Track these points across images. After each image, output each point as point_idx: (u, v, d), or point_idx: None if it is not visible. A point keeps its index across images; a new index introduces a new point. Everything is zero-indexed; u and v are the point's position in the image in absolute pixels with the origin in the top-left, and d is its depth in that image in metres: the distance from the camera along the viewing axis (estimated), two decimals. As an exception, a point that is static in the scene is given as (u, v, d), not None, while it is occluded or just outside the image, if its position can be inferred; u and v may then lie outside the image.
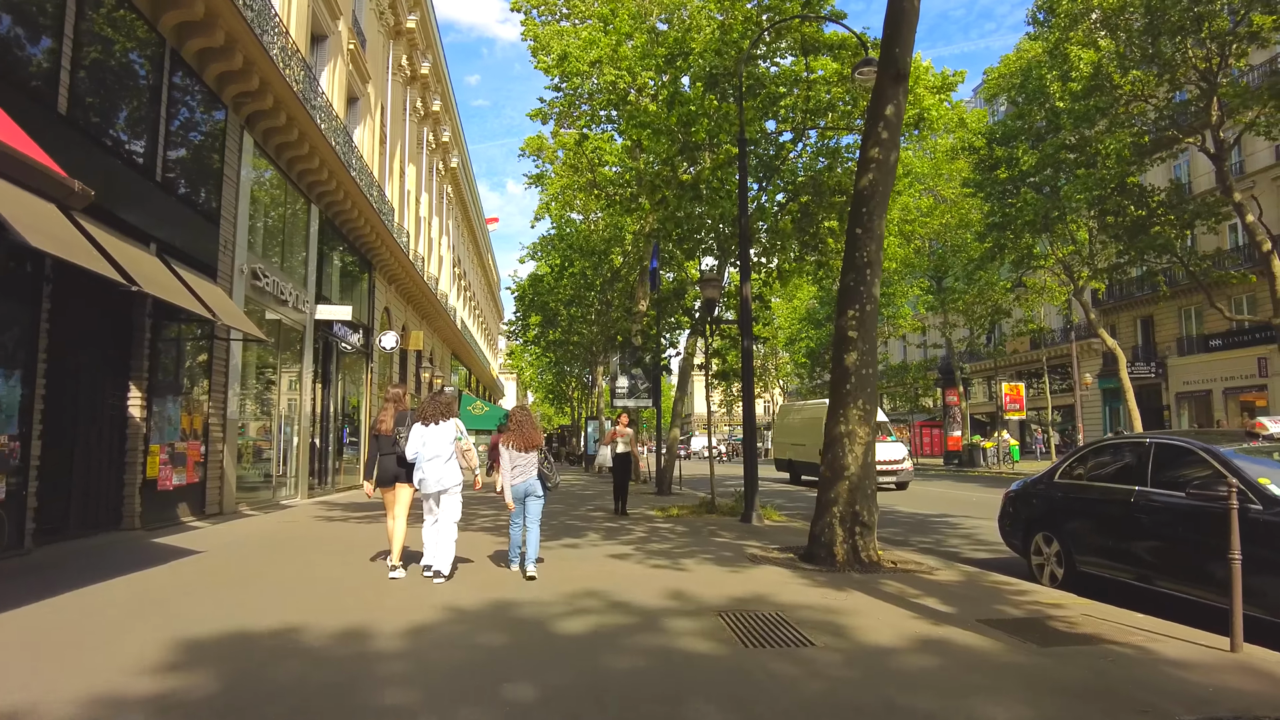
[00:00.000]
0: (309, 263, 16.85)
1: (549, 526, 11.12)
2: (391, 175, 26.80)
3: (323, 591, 6.43)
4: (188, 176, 11.71)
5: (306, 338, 16.54)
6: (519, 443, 7.29)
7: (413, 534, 7.67)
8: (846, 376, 8.29)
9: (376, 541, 9.75)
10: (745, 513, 11.91)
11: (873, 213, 8.58)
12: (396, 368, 26.63)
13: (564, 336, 36.78)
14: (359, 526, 11.50)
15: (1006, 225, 29.12)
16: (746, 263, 12.16)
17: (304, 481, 16.29)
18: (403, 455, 7.04)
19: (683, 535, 10.26)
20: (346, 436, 20.85)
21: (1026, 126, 28.56)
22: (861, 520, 7.96)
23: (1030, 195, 26.86)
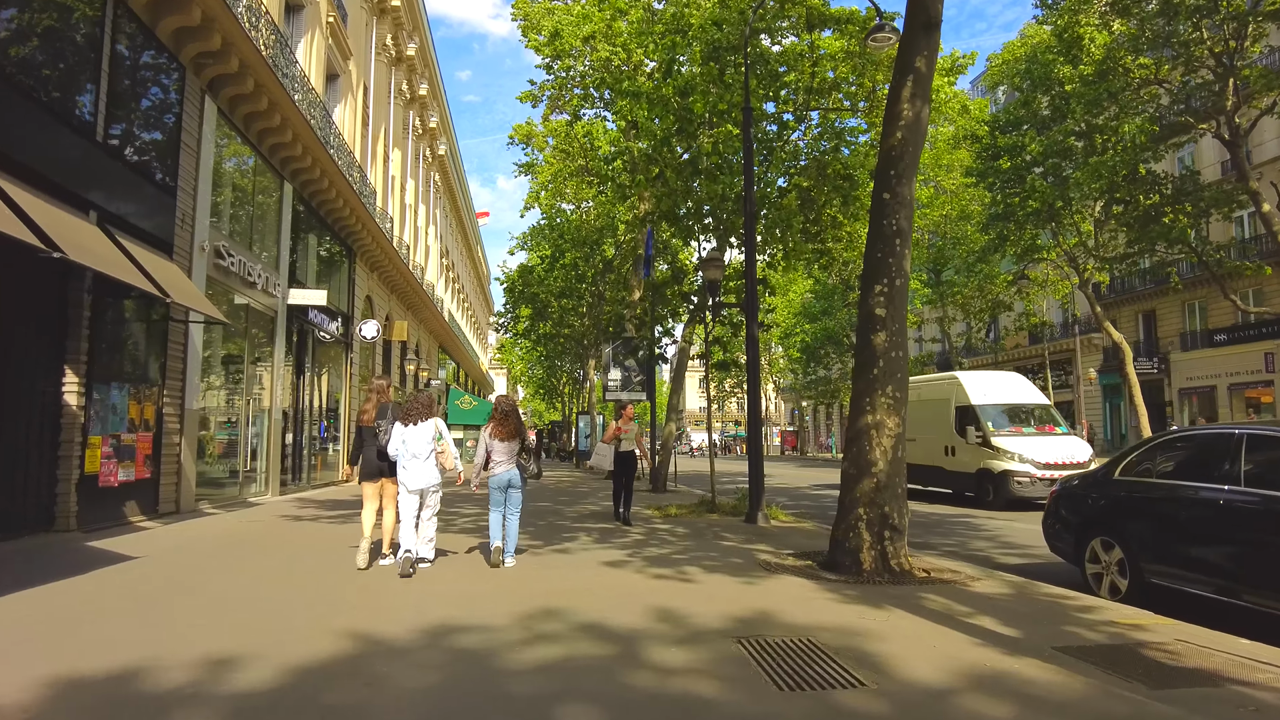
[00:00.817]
0: (281, 244, 15.77)
1: (537, 528, 10.14)
2: (375, 159, 25.70)
3: (264, 609, 5.41)
4: (137, 141, 10.64)
5: (278, 324, 15.47)
6: (498, 432, 7.29)
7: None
8: (873, 360, 7.31)
9: (343, 542, 8.75)
10: (750, 513, 10.94)
11: (901, 175, 7.61)
12: (379, 359, 25.55)
13: (555, 330, 35.73)
14: (328, 526, 10.47)
15: (1009, 216, 28.26)
16: (752, 239, 11.18)
17: (275, 477, 15.23)
18: (383, 449, 7.10)
19: (684, 539, 9.28)
20: (325, 429, 19.79)
21: (1031, 114, 27.67)
22: (891, 523, 7.00)
23: (1039, 183, 25.97)
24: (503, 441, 7.30)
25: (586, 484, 20.93)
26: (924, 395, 17.10)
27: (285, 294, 15.69)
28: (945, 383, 17.71)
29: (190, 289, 10.62)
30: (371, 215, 21.49)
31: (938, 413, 16.53)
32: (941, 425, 16.36)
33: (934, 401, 16.83)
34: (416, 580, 6.51)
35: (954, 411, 16.24)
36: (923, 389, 17.74)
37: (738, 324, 13.62)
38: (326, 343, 20.04)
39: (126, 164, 10.06)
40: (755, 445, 11.23)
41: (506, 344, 56.48)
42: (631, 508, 11.16)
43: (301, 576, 6.65)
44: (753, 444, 11.27)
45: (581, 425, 37.74)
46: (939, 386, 17.82)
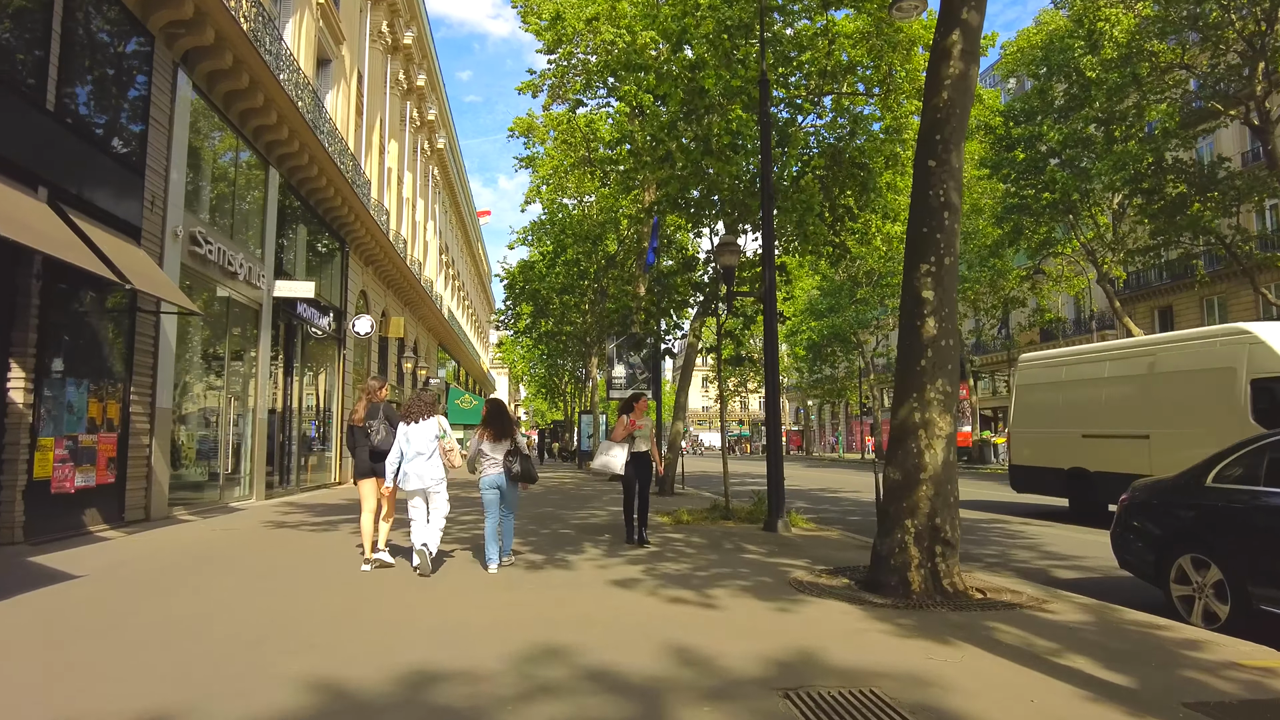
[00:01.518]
0: (267, 234, 14.87)
1: (539, 537, 9.24)
2: (370, 149, 24.81)
3: (208, 645, 4.51)
4: (97, 113, 9.73)
5: (263, 318, 14.57)
6: (486, 433, 7.20)
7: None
8: (920, 350, 6.39)
9: (325, 553, 7.85)
10: (770, 520, 10.03)
11: (948, 140, 6.70)
12: (375, 356, 24.66)
13: (556, 327, 34.80)
14: (311, 535, 9.57)
15: (1024, 208, 27.35)
16: (770, 220, 10.25)
17: (260, 480, 14.33)
18: (375, 448, 7.07)
19: (701, 550, 8.37)
20: (316, 429, 18.90)
21: (1048, 103, 26.71)
22: (944, 537, 6.08)
23: (1058, 174, 25.03)
24: (491, 442, 7.18)
25: (590, 486, 20.03)
26: (1166, 365, 11.35)
27: (271, 286, 14.79)
28: (1217, 343, 10.84)
29: (158, 276, 9.72)
30: (365, 207, 20.60)
31: (1203, 392, 10.62)
32: (1217, 411, 10.25)
33: (1189, 376, 10.90)
34: (400, 603, 5.62)
35: (1245, 388, 10.00)
36: (1160, 355, 11.57)
37: (751, 316, 12.69)
38: (319, 339, 19.16)
39: (83, 137, 9.15)
40: (775, 446, 10.31)
41: (508, 342, 55.55)
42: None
43: (265, 597, 5.75)
44: (772, 445, 10.36)
45: (584, 425, 36.85)
46: (1201, 350, 10.98)
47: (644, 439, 8.93)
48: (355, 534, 9.54)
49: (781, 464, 10.22)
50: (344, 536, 9.36)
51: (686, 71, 12.12)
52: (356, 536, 9.34)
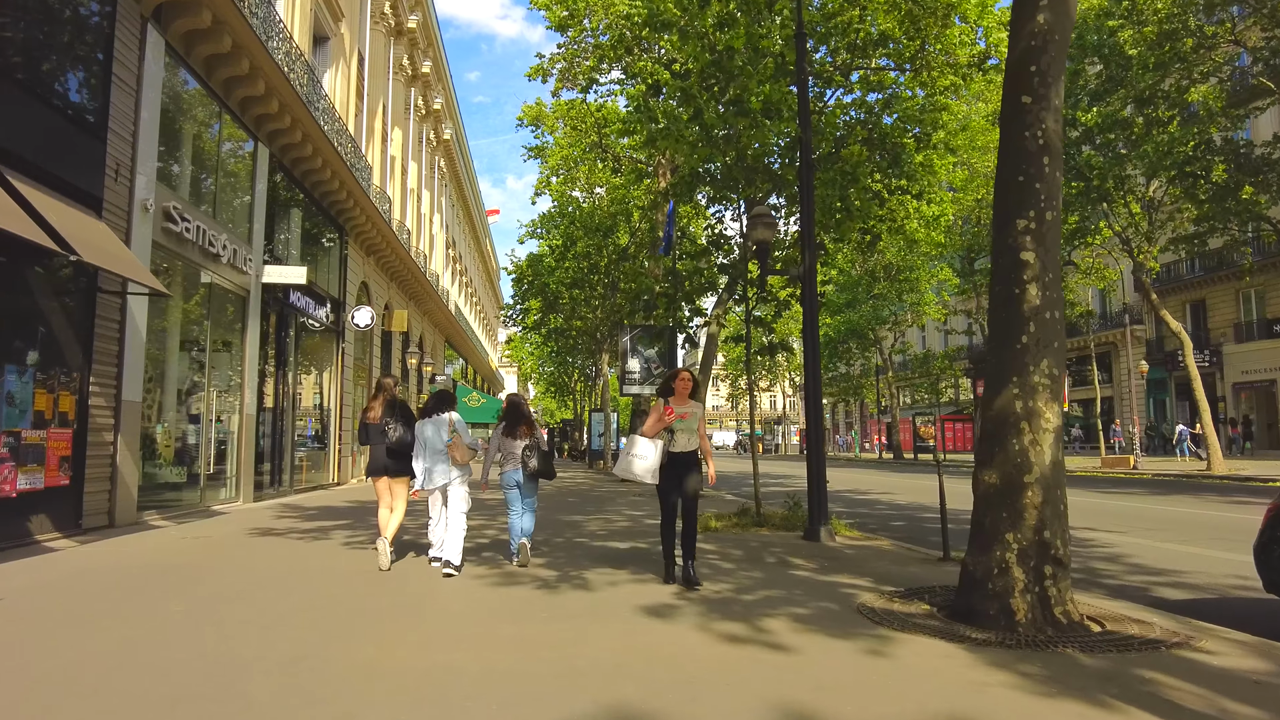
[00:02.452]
0: (255, 215, 13.77)
1: (551, 547, 8.07)
2: (371, 135, 23.72)
3: (104, 704, 3.36)
4: (48, 66, 8.62)
5: (251, 305, 13.46)
6: (509, 429, 7.16)
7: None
8: (1020, 324, 5.19)
9: (307, 566, 6.70)
10: (811, 528, 8.83)
11: (1046, 72, 5.49)
12: (377, 351, 23.57)
13: (565, 324, 33.66)
14: (298, 544, 8.43)
15: None
16: (809, 189, 9.05)
17: (248, 481, 13.23)
18: (391, 446, 7.02)
19: (741, 565, 7.19)
20: (313, 426, 17.81)
21: (1080, 85, 25.39)
22: (1054, 555, 4.89)
23: (1095, 159, 23.72)
24: (511, 439, 7.14)
25: (605, 486, 18.88)
26: None
27: (260, 271, 13.69)
28: None
29: (120, 252, 8.61)
30: (365, 193, 19.50)
31: None
32: None
33: None
34: (383, 636, 4.47)
35: None
36: None
37: (783, 302, 11.48)
38: (315, 331, 18.08)
39: (29, 91, 8.04)
40: (816, 445, 9.11)
41: (516, 340, 54.43)
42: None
43: (212, 631, 4.61)
44: (813, 444, 9.15)
45: (595, 423, 35.74)
46: None
47: (687, 432, 6.44)
48: (347, 544, 8.50)
49: (824, 465, 9.02)
50: (334, 547, 8.23)
51: (714, 30, 10.94)
52: (348, 547, 8.32)
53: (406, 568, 7.06)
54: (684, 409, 6.48)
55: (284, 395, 15.52)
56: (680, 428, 6.41)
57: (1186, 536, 9.88)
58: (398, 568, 6.99)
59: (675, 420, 6.38)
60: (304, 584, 6.15)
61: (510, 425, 7.14)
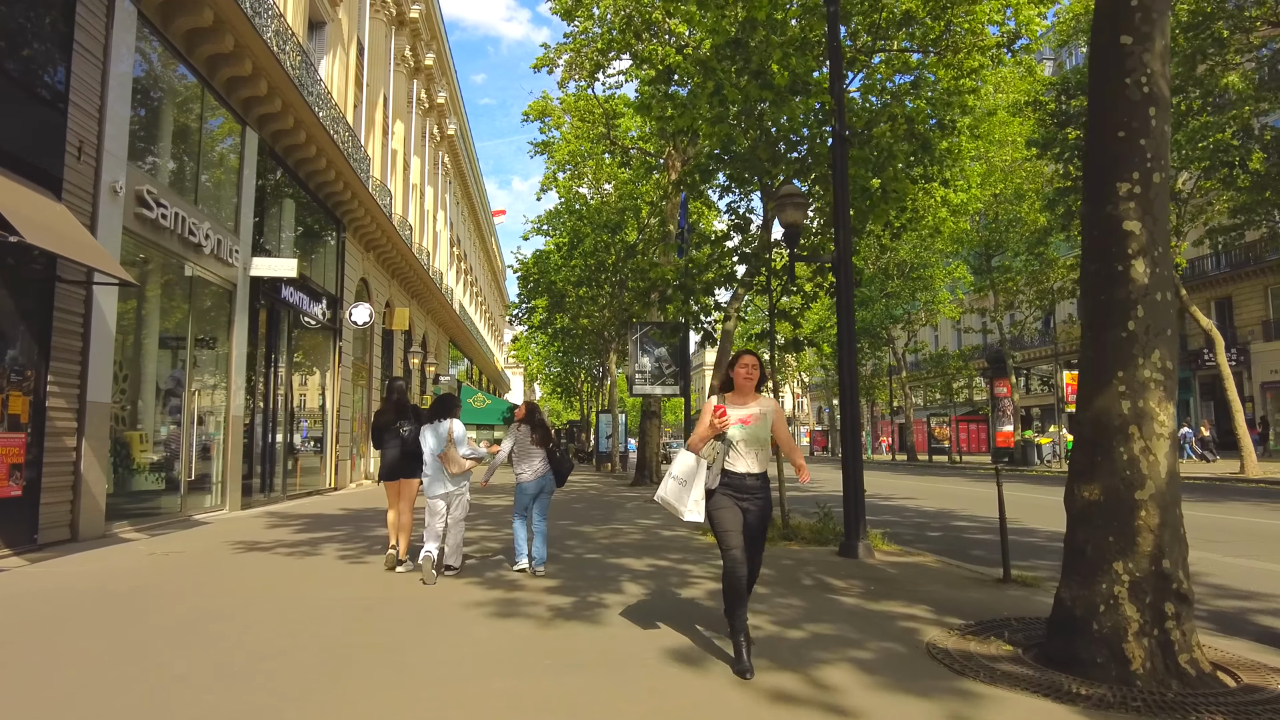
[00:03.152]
0: (243, 204, 12.94)
1: (560, 565, 7.19)
2: (372, 127, 22.91)
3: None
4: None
5: (238, 300, 12.63)
6: (524, 436, 7.07)
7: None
8: (1126, 307, 4.28)
9: (292, 588, 5.84)
10: (848, 543, 7.93)
11: (1150, 7, 4.58)
12: (379, 351, 22.75)
13: (572, 323, 32.81)
14: (285, 561, 7.59)
15: (1075, 189, 25.08)
16: (843, 164, 8.16)
17: (235, 487, 12.40)
18: (406, 449, 7.07)
19: (776, 589, 6.29)
20: (307, 429, 16.98)
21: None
22: (1176, 590, 3.98)
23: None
24: (531, 447, 7.06)
25: (615, 491, 18.02)
26: None
27: (248, 264, 12.86)
28: None
29: (79, 237, 7.76)
30: (364, 185, 18.68)
31: None
32: None
33: None
34: (345, 693, 3.60)
35: None
36: None
37: (810, 294, 10.57)
38: (312, 328, 17.26)
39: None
40: (853, 448, 8.20)
41: (522, 339, 53.60)
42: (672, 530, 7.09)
43: (135, 685, 3.75)
44: (850, 447, 8.24)
45: (602, 424, 34.89)
46: None
47: (755, 445, 4.36)
48: (338, 559, 7.75)
49: (861, 471, 8.12)
50: (320, 565, 7.39)
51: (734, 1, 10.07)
52: (338, 562, 7.57)
53: (399, 590, 6.20)
54: (746, 409, 4.41)
55: (276, 396, 14.70)
56: (742, 436, 4.32)
57: (1257, 550, 8.95)
58: (390, 591, 6.14)
59: (733, 426, 4.32)
60: (274, 616, 5.29)
61: (530, 434, 7.07)
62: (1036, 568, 7.35)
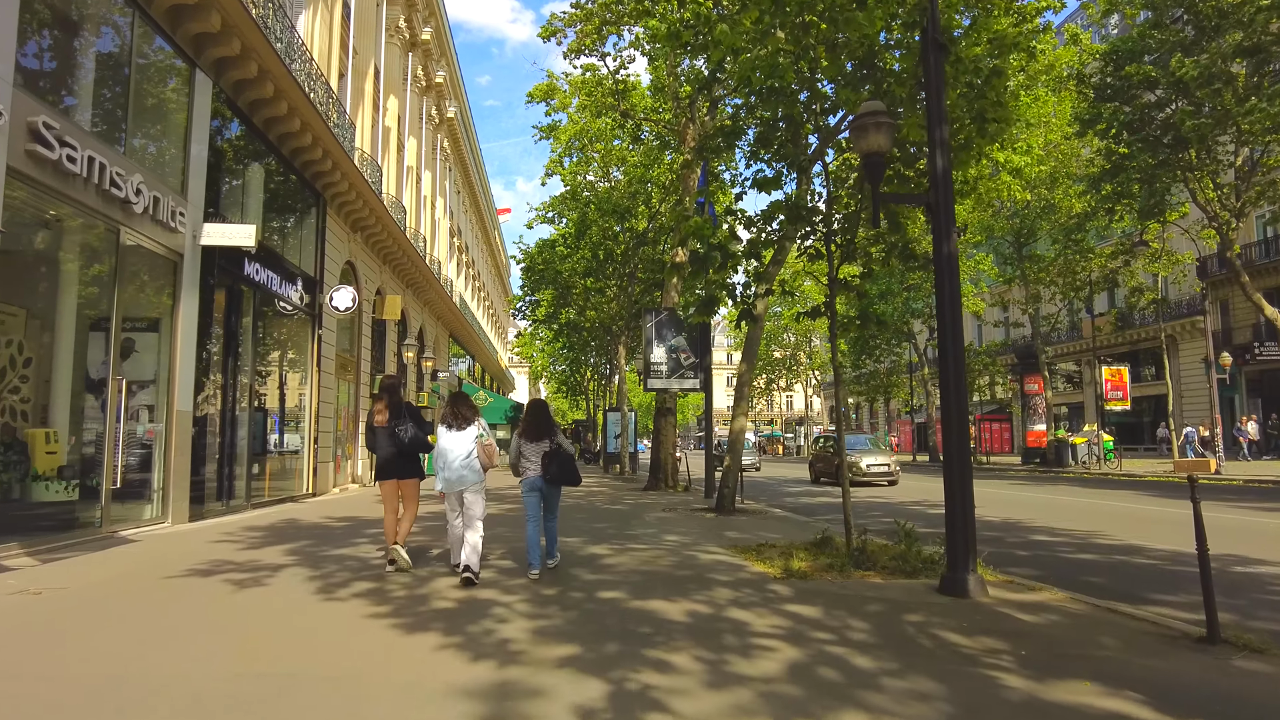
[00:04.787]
0: (191, 160, 10.93)
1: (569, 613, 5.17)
2: (361, 99, 20.96)
3: None
4: None
5: (185, 273, 10.62)
6: (529, 434, 6.98)
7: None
8: None
9: (216, 646, 3.83)
10: (953, 575, 5.88)
11: None
12: (367, 342, 20.78)
13: (578, 318, 30.80)
14: (228, 597, 5.60)
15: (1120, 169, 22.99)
16: (938, 70, 6.12)
17: (180, 495, 10.39)
18: (403, 449, 6.98)
19: (880, 655, 4.25)
20: (280, 427, 14.99)
21: (1167, 38, 22.31)
22: None
23: (1189, 118, 20.64)
24: (531, 443, 6.96)
25: (628, 496, 15.99)
26: None
27: (198, 231, 10.86)
28: None
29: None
30: (348, 156, 16.70)
31: None
32: None
33: None
34: None
35: None
36: None
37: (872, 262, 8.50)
38: (287, 314, 15.30)
39: None
40: (959, 449, 6.14)
41: (526, 336, 51.63)
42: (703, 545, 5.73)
43: None
44: (954, 450, 6.17)
45: (610, 423, 32.85)
46: None
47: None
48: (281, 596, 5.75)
49: (970, 481, 6.06)
50: (263, 603, 5.43)
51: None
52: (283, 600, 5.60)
53: (344, 655, 4.20)
54: None
55: (238, 388, 12.72)
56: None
57: None
58: (333, 662, 4.15)
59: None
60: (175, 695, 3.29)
61: (531, 429, 6.97)
62: (1223, 607, 5.29)
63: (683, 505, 14.12)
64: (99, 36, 9.51)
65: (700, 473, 23.14)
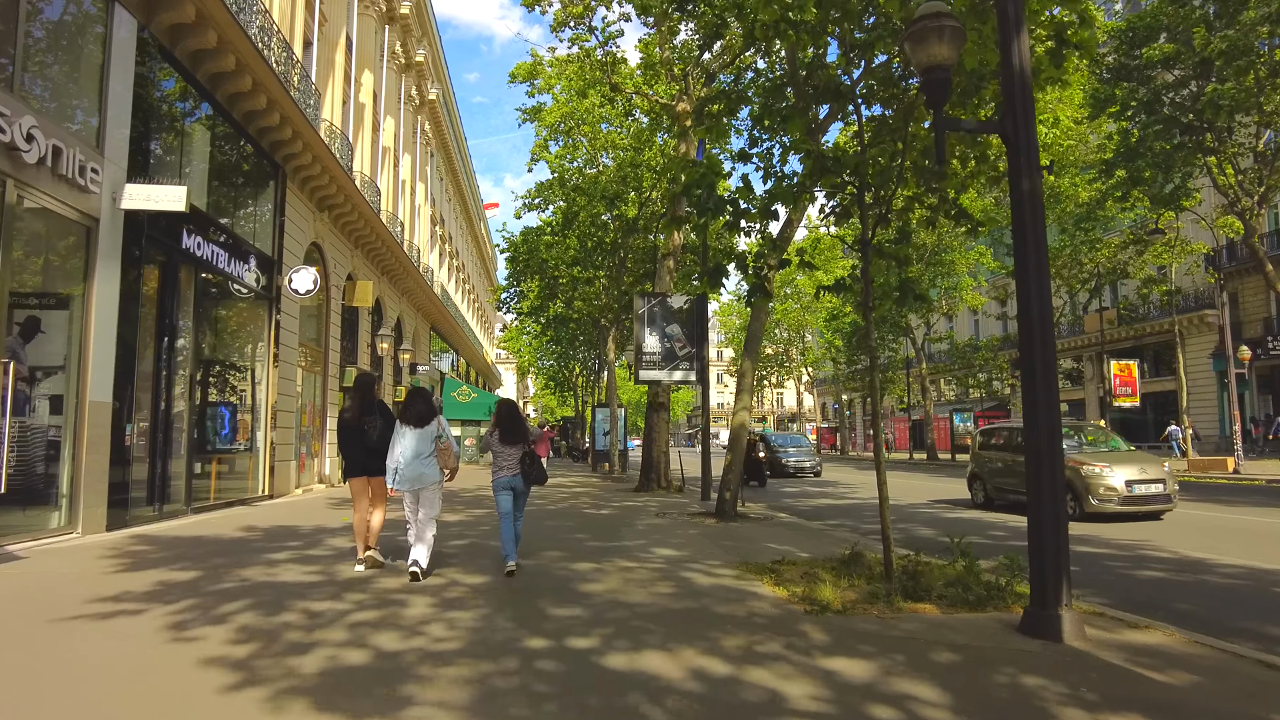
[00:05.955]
0: (108, 108, 9.39)
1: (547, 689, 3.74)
2: (330, 69, 19.47)
3: None
4: None
5: (101, 242, 9.10)
6: (502, 436, 7.00)
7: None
8: None
9: None
10: (1040, 613, 4.48)
11: None
12: (336, 331, 19.25)
13: (566, 310, 29.29)
14: (73, 647, 4.12)
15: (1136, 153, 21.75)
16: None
17: (96, 500, 8.89)
18: (372, 446, 6.84)
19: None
20: (229, 422, 13.47)
21: (1183, 15, 21.06)
22: None
23: (1213, 97, 19.38)
24: (503, 445, 6.99)
25: (615, 498, 14.52)
26: None
27: (118, 191, 9.35)
28: None
29: None
30: (312, 125, 15.18)
31: None
32: None
33: None
34: None
35: None
36: None
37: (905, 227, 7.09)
38: (242, 296, 13.81)
39: None
40: (1049, 445, 4.73)
41: (512, 331, 50.07)
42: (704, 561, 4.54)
43: None
44: (1042, 444, 4.77)
45: (598, 420, 31.35)
46: None
47: None
48: (160, 640, 4.26)
49: (1063, 489, 4.66)
50: (128, 641, 3.97)
51: None
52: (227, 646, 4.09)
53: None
54: None
55: (176, 378, 11.23)
56: None
57: None
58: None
59: None
60: None
61: (505, 431, 7.01)
62: None
63: (677, 509, 12.71)
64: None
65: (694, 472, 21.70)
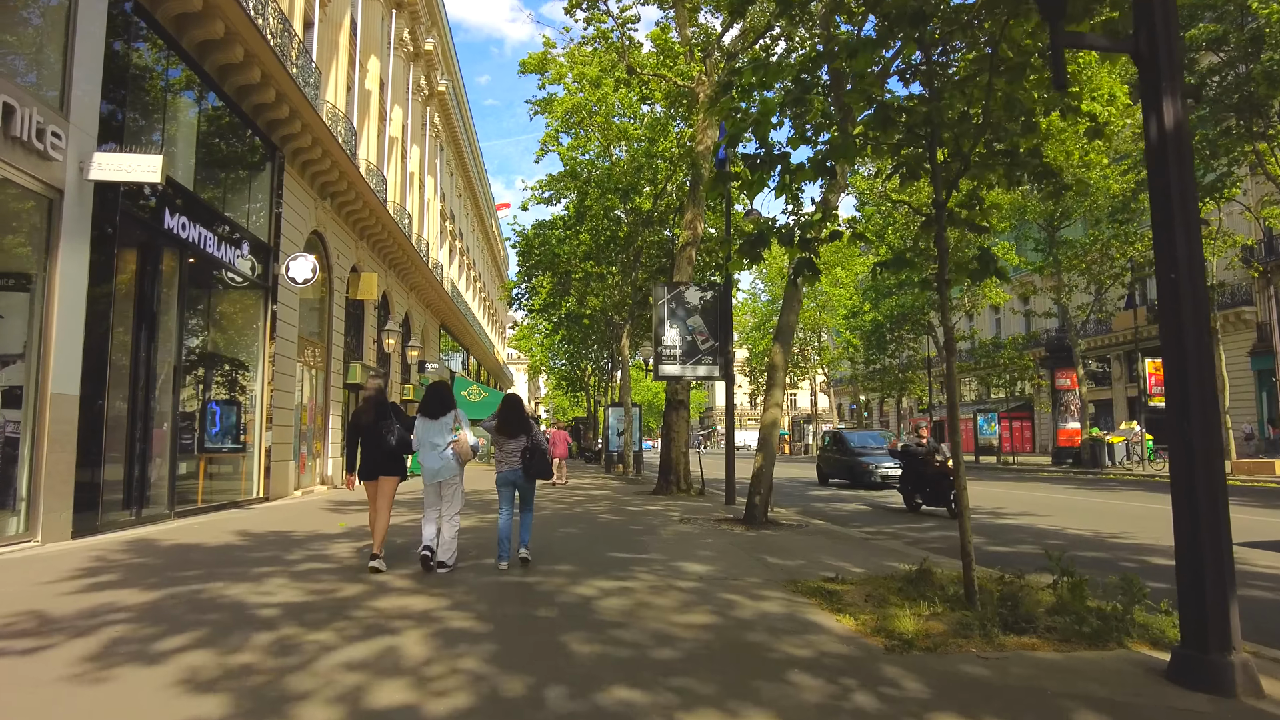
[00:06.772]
0: (74, 68, 8.46)
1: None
2: (335, 51, 18.57)
3: None
4: None
5: (67, 216, 8.19)
6: (506, 429, 7.03)
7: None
8: None
9: None
10: (1204, 657, 3.46)
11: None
12: (340, 325, 18.36)
13: (578, 307, 28.27)
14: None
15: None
16: None
17: (59, 504, 7.98)
18: (389, 448, 6.93)
19: None
20: (220, 419, 12.55)
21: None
22: None
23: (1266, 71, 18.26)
24: (508, 439, 7.03)
25: (633, 502, 13.47)
26: None
27: (85, 160, 8.43)
28: None
29: None
30: (311, 103, 14.27)
31: None
32: None
33: None
34: None
35: None
36: None
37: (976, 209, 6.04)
38: (236, 285, 12.92)
39: None
40: (1207, 452, 3.71)
41: (523, 329, 49.11)
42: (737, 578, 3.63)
43: None
44: (1199, 451, 3.74)
45: (612, 419, 30.36)
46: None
47: None
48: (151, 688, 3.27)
49: (1226, 503, 3.63)
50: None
51: None
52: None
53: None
54: None
55: (158, 371, 10.32)
56: None
57: None
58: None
59: None
60: None
61: (504, 422, 7.04)
62: None
63: (702, 514, 11.70)
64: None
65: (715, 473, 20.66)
